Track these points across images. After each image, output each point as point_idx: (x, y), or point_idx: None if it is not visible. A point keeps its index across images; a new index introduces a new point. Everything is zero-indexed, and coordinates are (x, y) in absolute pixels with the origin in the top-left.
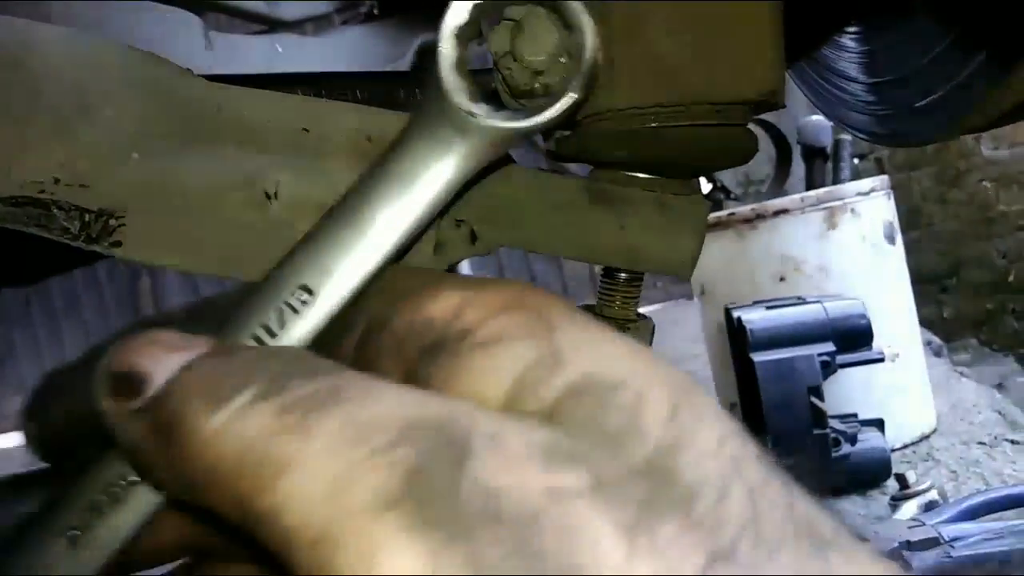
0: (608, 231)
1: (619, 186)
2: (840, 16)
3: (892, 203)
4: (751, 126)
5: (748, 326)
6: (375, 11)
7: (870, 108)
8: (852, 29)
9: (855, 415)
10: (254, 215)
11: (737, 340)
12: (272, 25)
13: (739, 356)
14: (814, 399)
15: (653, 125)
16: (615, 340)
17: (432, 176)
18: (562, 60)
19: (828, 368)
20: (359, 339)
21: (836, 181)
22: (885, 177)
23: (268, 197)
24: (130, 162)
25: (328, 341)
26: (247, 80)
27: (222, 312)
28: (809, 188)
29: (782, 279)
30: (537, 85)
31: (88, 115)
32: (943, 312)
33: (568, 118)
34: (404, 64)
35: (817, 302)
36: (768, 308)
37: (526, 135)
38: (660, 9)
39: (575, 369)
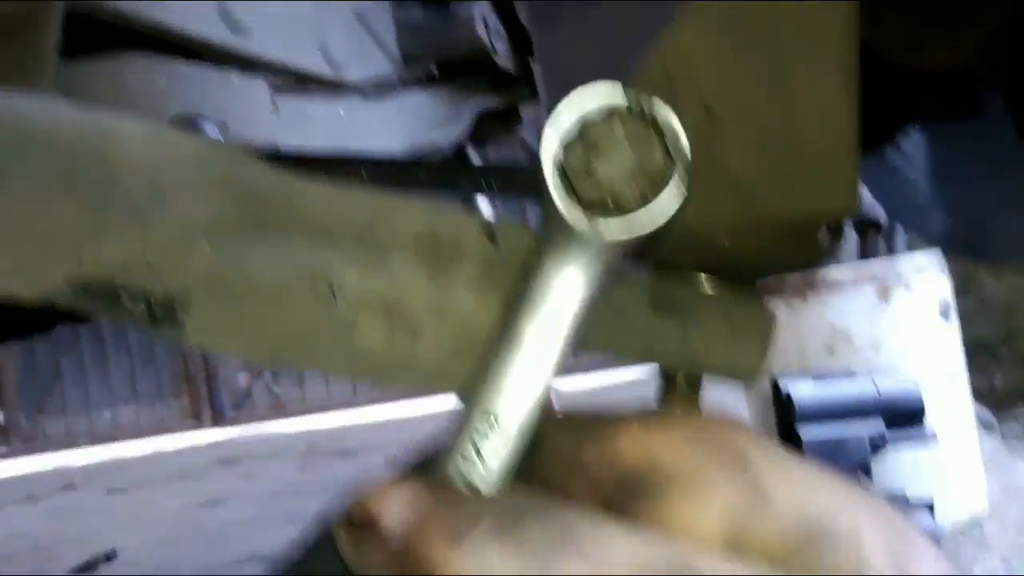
0: (671, 338)
1: (683, 289)
2: (905, 115)
3: (947, 279)
4: None
5: (795, 398)
6: (434, 72)
7: (936, 214)
8: (919, 130)
9: (904, 495)
10: (318, 309)
11: (783, 412)
12: (335, 87)
13: (785, 428)
14: (862, 477)
15: (724, 238)
16: (816, 475)
17: (572, 294)
18: (639, 179)
19: (878, 446)
20: (542, 474)
21: (890, 254)
22: (940, 251)
23: (332, 292)
24: (200, 251)
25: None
26: (317, 162)
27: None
28: (862, 260)
29: (831, 351)
30: (609, 200)
31: (162, 204)
32: (994, 382)
33: (665, 230)
34: (462, 128)
35: (868, 377)
36: (817, 381)
37: (626, 247)
38: (735, 126)
39: (786, 511)
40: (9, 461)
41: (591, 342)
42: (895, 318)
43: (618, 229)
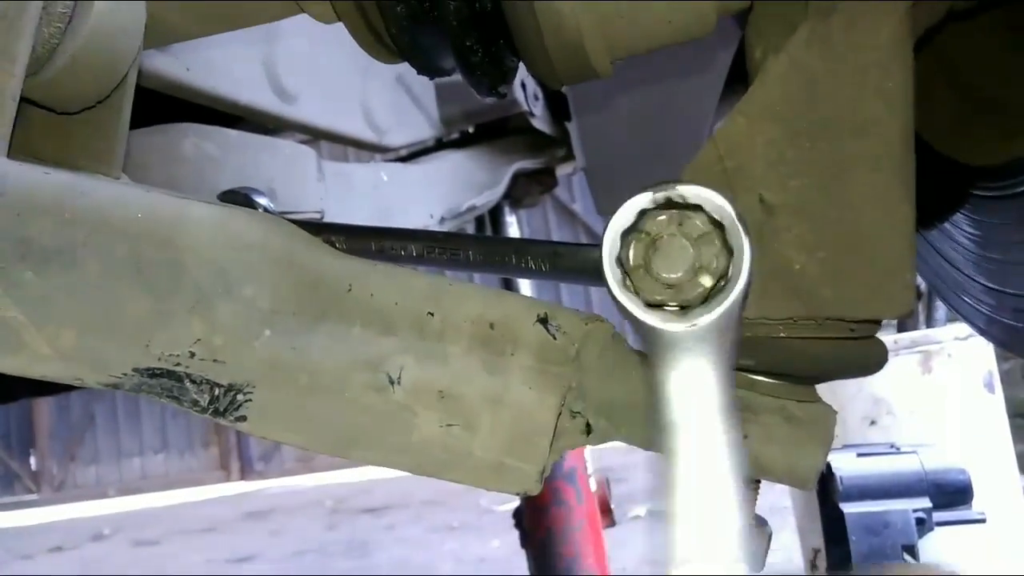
0: None
1: (741, 390)
2: (953, 203)
3: (992, 350)
4: None
5: (838, 473)
6: (471, 132)
7: (987, 309)
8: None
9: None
10: (376, 399)
11: (826, 486)
12: (376, 151)
13: (827, 503)
14: (908, 557)
15: (782, 335)
16: None
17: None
18: (699, 278)
19: (923, 526)
20: None
21: (930, 322)
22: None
23: (391, 381)
24: (262, 339)
25: None
26: (367, 234)
27: None
28: (901, 330)
29: (873, 422)
30: (669, 298)
31: (228, 292)
32: None
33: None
34: (500, 189)
35: (913, 453)
36: (860, 455)
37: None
38: (791, 218)
39: None
40: (40, 509)
41: (645, 441)
42: (937, 389)
43: (681, 325)
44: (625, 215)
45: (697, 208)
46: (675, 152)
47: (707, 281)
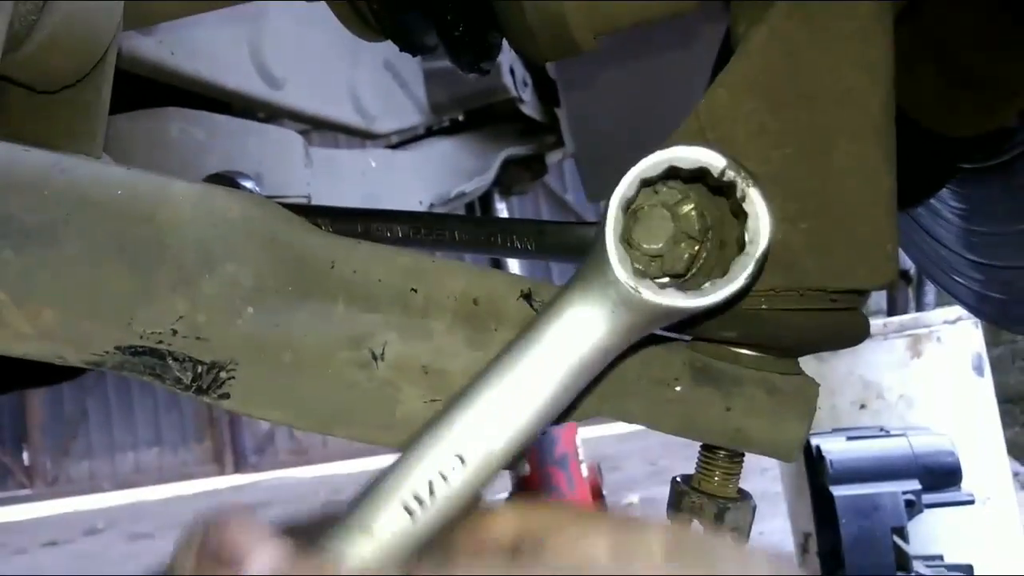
0: (713, 411)
1: (724, 362)
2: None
3: (980, 332)
4: None
5: (828, 457)
6: (461, 120)
7: (976, 285)
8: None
9: (941, 557)
10: (360, 375)
11: (815, 470)
12: (365, 137)
13: (817, 487)
14: (897, 539)
15: (764, 307)
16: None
17: (590, 345)
18: (681, 246)
19: (913, 508)
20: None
21: (919, 306)
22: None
23: (374, 357)
24: (245, 316)
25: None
26: (353, 216)
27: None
28: (891, 313)
29: (862, 406)
30: (654, 270)
31: (210, 269)
32: None
33: (733, 302)
34: (490, 176)
35: (902, 435)
36: (849, 439)
37: (687, 315)
38: (777, 195)
39: (658, 543)
40: (33, 504)
41: (630, 414)
42: (927, 373)
43: (675, 299)
44: (628, 186)
45: (723, 188)
46: (663, 135)
47: (712, 260)
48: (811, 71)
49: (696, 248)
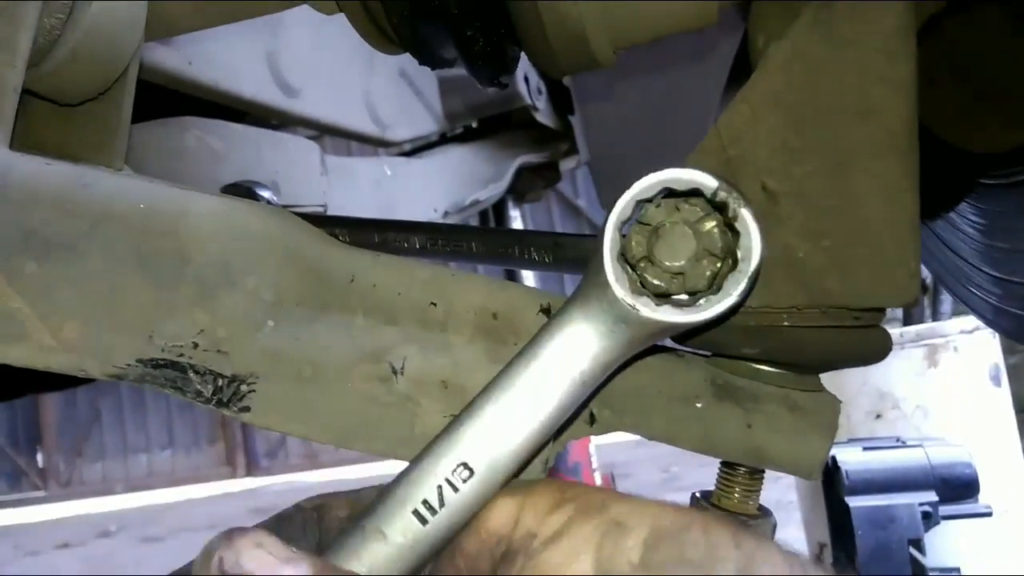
0: (733, 428)
1: (745, 379)
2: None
3: (997, 342)
4: None
5: (844, 467)
6: (474, 127)
7: (994, 299)
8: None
9: (958, 569)
10: (379, 389)
11: (831, 480)
12: (379, 145)
13: (832, 498)
14: (914, 551)
15: (786, 324)
16: (659, 502)
17: (590, 359)
18: (703, 263)
19: (930, 519)
20: (432, 564)
21: (935, 316)
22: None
23: (394, 371)
24: (266, 329)
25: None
26: (371, 227)
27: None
28: (907, 323)
29: (878, 416)
30: (676, 287)
31: (231, 283)
32: None
33: (726, 318)
34: (504, 184)
35: (919, 446)
36: (865, 449)
37: (683, 330)
38: (799, 213)
39: (641, 528)
40: (47, 506)
41: (651, 430)
42: (943, 383)
43: (671, 315)
44: (624, 206)
45: (714, 204)
46: (679, 144)
47: (708, 276)
48: (834, 88)
49: (718, 265)
